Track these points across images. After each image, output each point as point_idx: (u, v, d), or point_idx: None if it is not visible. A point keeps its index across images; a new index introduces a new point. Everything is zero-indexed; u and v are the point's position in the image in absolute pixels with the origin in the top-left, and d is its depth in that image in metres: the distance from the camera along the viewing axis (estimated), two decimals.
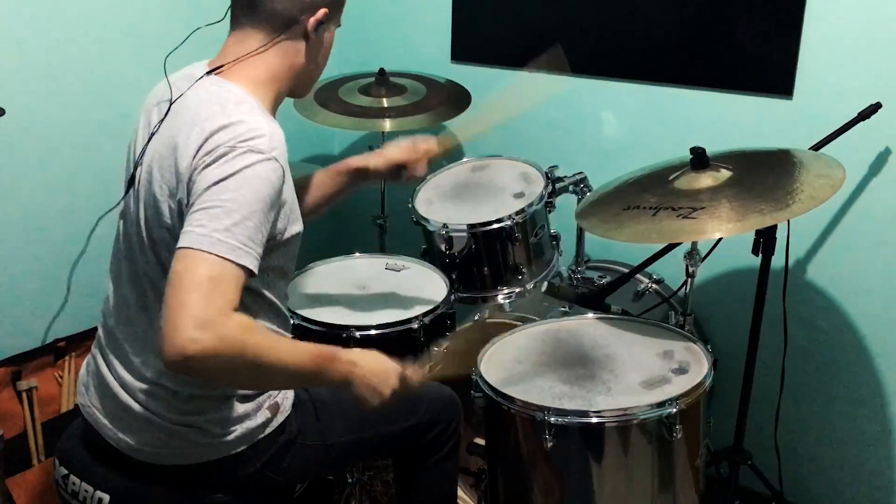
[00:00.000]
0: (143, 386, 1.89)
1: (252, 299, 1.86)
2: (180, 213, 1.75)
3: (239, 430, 1.92)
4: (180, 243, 1.64)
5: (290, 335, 2.08)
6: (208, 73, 1.90)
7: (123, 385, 1.92)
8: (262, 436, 1.96)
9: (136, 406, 1.90)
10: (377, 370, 1.93)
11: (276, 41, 1.88)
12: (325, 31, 1.95)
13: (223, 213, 1.65)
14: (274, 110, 1.94)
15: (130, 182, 1.91)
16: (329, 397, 2.15)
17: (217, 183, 1.67)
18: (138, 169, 1.89)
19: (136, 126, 1.97)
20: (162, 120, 1.87)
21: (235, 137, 1.72)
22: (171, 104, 1.87)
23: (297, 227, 1.91)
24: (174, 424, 1.88)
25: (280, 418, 2.00)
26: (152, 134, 1.88)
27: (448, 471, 2.38)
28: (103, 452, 1.97)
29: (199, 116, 1.78)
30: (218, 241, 1.63)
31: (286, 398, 2.03)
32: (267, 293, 1.91)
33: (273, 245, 1.82)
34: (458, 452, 2.40)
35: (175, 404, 1.88)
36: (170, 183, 1.78)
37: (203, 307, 1.57)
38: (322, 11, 1.89)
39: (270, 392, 1.97)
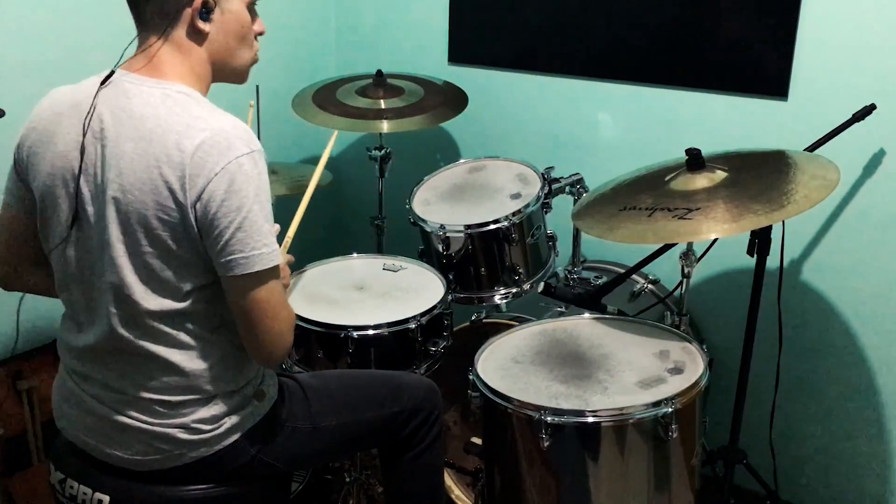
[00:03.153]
0: (124, 398, 1.88)
1: (226, 311, 1.87)
2: (184, 225, 1.75)
3: (228, 422, 1.92)
4: (251, 268, 1.76)
5: None
6: (111, 73, 1.86)
7: (102, 401, 1.90)
8: (253, 424, 1.97)
9: (118, 417, 1.88)
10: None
11: (164, 38, 1.82)
12: (218, 14, 1.86)
13: (269, 225, 1.80)
14: None
15: (75, 209, 1.83)
16: (317, 383, 2.20)
17: (255, 200, 1.76)
18: (84, 193, 1.82)
19: (33, 147, 1.89)
20: (83, 139, 1.81)
21: (233, 144, 1.74)
22: (90, 115, 1.81)
23: None
24: (161, 427, 1.87)
25: (267, 404, 2.01)
26: (81, 158, 1.81)
27: (433, 461, 2.38)
28: (96, 460, 1.96)
29: (168, 121, 1.75)
30: (276, 253, 1.80)
31: (270, 384, 2.05)
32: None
33: None
34: (442, 443, 2.41)
35: (159, 410, 1.87)
36: (157, 194, 1.73)
37: (290, 315, 1.90)
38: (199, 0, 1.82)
39: (253, 381, 1.99)
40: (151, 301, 1.81)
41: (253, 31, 1.95)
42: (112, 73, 1.85)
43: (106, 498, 1.93)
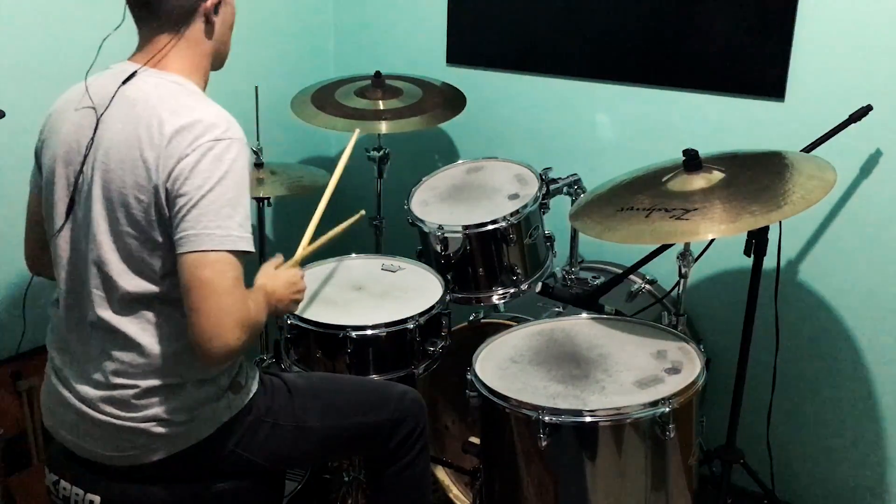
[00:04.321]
0: (99, 393, 1.90)
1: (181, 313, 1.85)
2: (156, 205, 1.80)
3: (202, 414, 1.93)
4: (199, 245, 1.75)
5: None
6: (134, 73, 1.92)
7: (80, 397, 1.93)
8: (229, 417, 1.98)
9: (96, 414, 1.90)
10: (286, 283, 2.16)
11: (178, 36, 1.92)
12: (223, 6, 1.98)
13: (232, 210, 1.78)
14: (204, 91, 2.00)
15: (72, 193, 1.92)
16: (303, 382, 2.21)
17: (220, 181, 1.77)
18: (81, 176, 1.89)
19: (45, 136, 2.01)
20: (93, 134, 1.88)
21: (211, 129, 1.80)
22: (105, 110, 1.89)
23: None
24: (136, 422, 1.89)
25: (244, 397, 2.02)
26: (88, 147, 1.88)
27: (417, 475, 2.38)
28: (87, 460, 1.99)
29: (156, 107, 1.83)
30: (238, 240, 1.77)
31: (249, 378, 2.06)
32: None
33: None
34: (427, 457, 2.41)
35: (132, 402, 1.89)
36: (136, 174, 1.80)
37: (239, 308, 1.77)
38: None
39: (228, 371, 1.99)
40: (128, 281, 1.85)
41: None
42: (135, 73, 1.91)
43: (97, 498, 1.96)
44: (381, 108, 3.24)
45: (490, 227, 2.72)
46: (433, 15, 3.57)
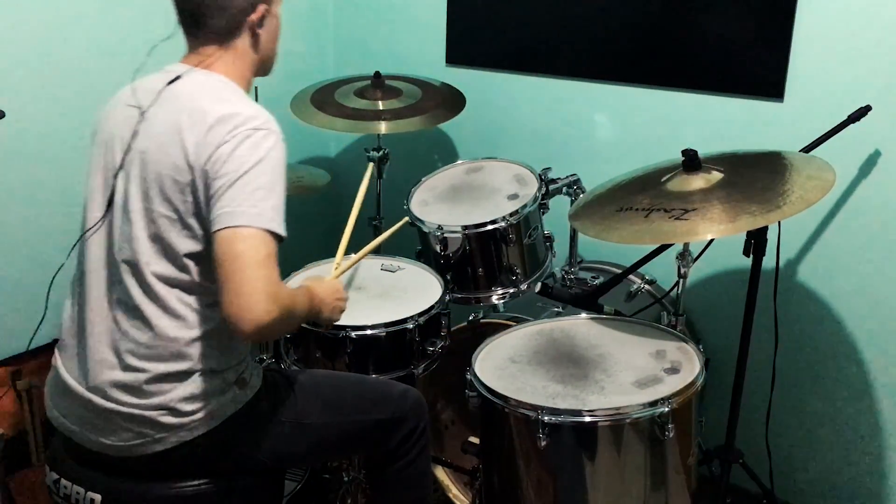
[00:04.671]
0: (110, 376, 1.93)
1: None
2: (192, 188, 1.87)
3: (208, 406, 1.95)
4: (234, 221, 1.80)
5: None
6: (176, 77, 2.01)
7: (88, 386, 1.95)
8: (234, 412, 2.00)
9: (103, 402, 1.93)
10: (332, 290, 2.24)
11: (225, 48, 2.03)
12: (268, 18, 2.07)
13: (266, 193, 1.83)
14: None
15: (115, 176, 1.99)
16: (306, 380, 2.22)
17: (256, 165, 1.83)
18: (123, 161, 1.97)
19: (93, 132, 2.10)
20: (137, 126, 1.97)
21: (250, 119, 1.88)
22: (150, 106, 1.97)
23: None
24: (143, 410, 1.91)
25: (249, 393, 2.04)
26: (129, 141, 1.97)
27: (418, 475, 2.39)
28: (87, 457, 2.00)
29: (199, 99, 1.92)
30: (271, 220, 1.82)
31: (253, 374, 2.08)
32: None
33: None
34: (428, 457, 2.42)
35: (143, 387, 1.91)
36: (174, 155, 1.88)
37: (270, 282, 1.80)
38: (262, 8, 2.03)
39: (235, 367, 2.02)
40: (154, 261, 1.91)
41: None
42: (179, 76, 2.00)
43: (98, 497, 1.97)
44: (381, 108, 3.24)
45: (489, 227, 2.73)
46: (432, 15, 3.58)
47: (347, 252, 2.70)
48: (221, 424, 1.97)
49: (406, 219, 2.84)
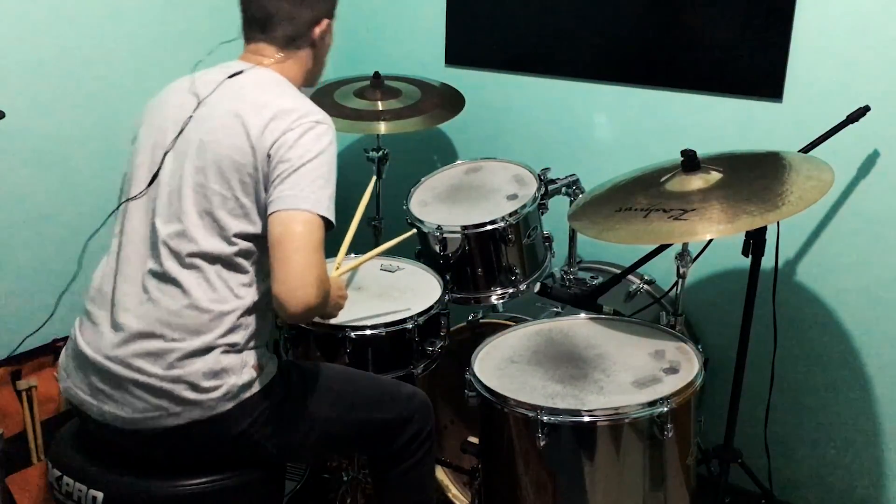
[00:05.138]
0: (132, 346, 1.97)
1: (260, 273, 2.06)
2: (253, 168, 1.98)
3: (225, 385, 1.97)
4: (296, 204, 1.92)
5: None
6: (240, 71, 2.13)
7: (107, 355, 1.99)
8: (248, 395, 2.01)
9: (121, 370, 1.96)
10: (336, 287, 2.26)
11: (286, 55, 2.17)
12: (328, 33, 2.24)
13: (325, 183, 1.96)
14: None
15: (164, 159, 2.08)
16: (319, 373, 2.24)
17: (318, 156, 1.97)
18: (178, 139, 2.06)
19: (142, 121, 2.18)
20: (193, 111, 2.08)
21: (309, 114, 2.02)
22: (208, 95, 2.08)
23: None
24: (161, 381, 1.94)
25: (265, 379, 2.06)
26: (186, 122, 2.07)
27: (422, 477, 2.40)
28: (95, 452, 2.02)
29: (263, 90, 2.07)
30: (328, 208, 1.95)
31: (270, 361, 2.11)
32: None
33: None
34: (433, 460, 2.43)
35: (165, 357, 1.95)
36: (236, 137, 1.98)
37: (321, 266, 1.92)
38: (326, 22, 2.20)
39: (255, 350, 2.06)
40: (201, 236, 1.99)
41: None
42: (241, 71, 2.13)
43: (100, 495, 1.97)
44: (380, 108, 3.24)
45: (489, 227, 2.73)
46: (432, 16, 3.58)
47: (348, 253, 2.71)
48: (236, 406, 1.99)
49: (413, 231, 2.86)
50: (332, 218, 1.95)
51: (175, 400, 1.94)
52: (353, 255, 2.83)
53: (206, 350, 1.96)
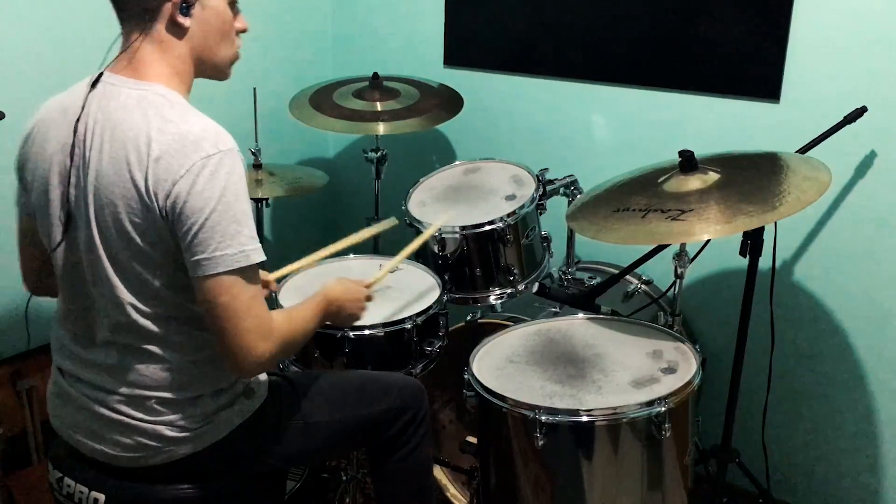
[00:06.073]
0: (115, 396, 1.90)
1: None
2: (155, 226, 1.77)
3: (216, 420, 1.95)
4: (214, 269, 1.73)
5: None
6: (100, 75, 1.89)
7: (93, 398, 1.92)
8: (241, 422, 1.99)
9: (109, 413, 1.90)
10: (353, 298, 2.22)
11: (145, 34, 1.85)
12: (198, 9, 1.87)
13: (238, 226, 1.75)
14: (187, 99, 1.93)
15: (66, 210, 1.87)
16: (308, 381, 2.22)
17: (220, 200, 1.73)
18: (72, 195, 1.85)
19: (28, 152, 1.95)
20: (73, 141, 1.84)
21: (199, 145, 1.74)
22: (79, 117, 1.84)
23: None
24: (149, 424, 1.89)
25: (256, 402, 2.03)
26: (71, 159, 1.84)
27: (420, 463, 2.40)
28: (92, 458, 1.99)
29: (140, 126, 1.77)
30: (249, 255, 1.76)
31: (260, 383, 2.07)
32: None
33: None
34: (430, 444, 2.42)
35: (148, 405, 1.89)
36: (127, 196, 1.76)
37: (258, 325, 1.78)
38: None
39: (245, 381, 2.02)
40: (137, 301, 1.84)
41: (234, 27, 1.96)
42: (100, 76, 1.88)
43: (102, 497, 1.95)
44: (379, 109, 3.25)
45: (487, 227, 2.73)
46: (430, 17, 3.59)
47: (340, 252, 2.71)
48: (228, 435, 1.97)
49: (439, 223, 2.74)
50: (257, 259, 1.77)
51: (162, 440, 1.90)
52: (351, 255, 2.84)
53: (193, 399, 1.92)
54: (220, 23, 1.92)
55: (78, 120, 1.83)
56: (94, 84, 1.86)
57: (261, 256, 1.79)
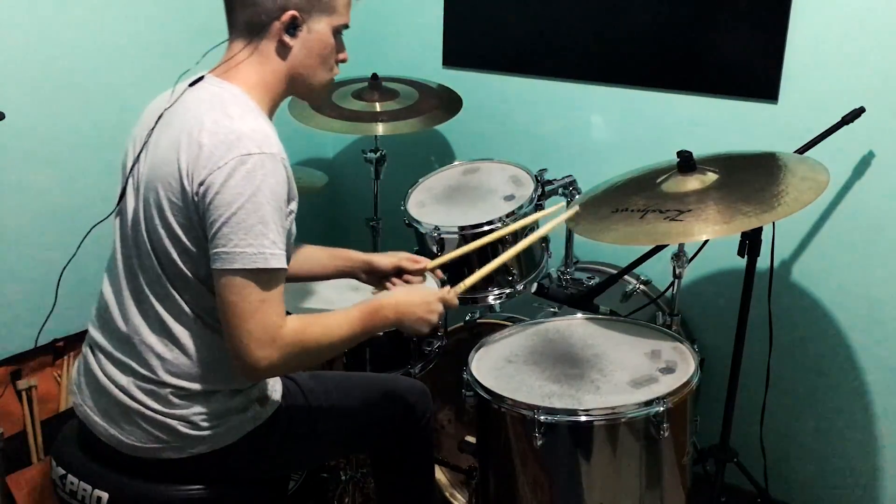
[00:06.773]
0: (137, 382, 1.93)
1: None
2: (187, 210, 1.83)
3: (228, 423, 1.96)
4: (230, 264, 1.76)
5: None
6: (200, 77, 1.98)
7: (114, 381, 1.95)
8: (253, 427, 2.00)
9: (127, 400, 1.93)
10: (419, 301, 2.11)
11: (251, 47, 1.94)
12: (304, 32, 1.95)
13: (264, 228, 1.77)
14: (271, 113, 2.00)
15: (126, 184, 1.98)
16: (316, 385, 2.22)
17: (251, 199, 1.76)
18: (135, 168, 1.95)
19: (134, 136, 2.04)
20: (153, 126, 1.95)
21: (244, 142, 1.79)
22: (167, 108, 1.94)
23: (293, 226, 1.98)
24: (164, 416, 1.91)
25: (269, 409, 2.04)
26: (146, 140, 1.95)
27: (423, 465, 2.42)
28: (99, 453, 2.00)
29: (201, 113, 1.86)
30: (268, 258, 1.77)
31: (275, 390, 2.08)
32: None
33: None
34: (432, 446, 2.44)
35: (165, 395, 1.92)
36: (170, 177, 1.84)
37: (262, 330, 1.78)
38: (289, 14, 1.91)
39: (260, 386, 2.03)
40: (170, 286, 1.90)
41: (336, 55, 2.05)
42: (201, 77, 1.97)
43: (105, 495, 1.96)
44: (378, 109, 3.25)
45: (486, 227, 2.73)
46: (429, 17, 3.59)
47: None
48: (239, 440, 1.98)
49: (568, 210, 2.57)
50: (276, 265, 1.78)
51: (176, 435, 1.92)
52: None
53: (209, 394, 1.94)
54: (322, 48, 2.00)
55: (167, 110, 1.94)
56: (193, 83, 1.96)
57: (280, 263, 1.80)
